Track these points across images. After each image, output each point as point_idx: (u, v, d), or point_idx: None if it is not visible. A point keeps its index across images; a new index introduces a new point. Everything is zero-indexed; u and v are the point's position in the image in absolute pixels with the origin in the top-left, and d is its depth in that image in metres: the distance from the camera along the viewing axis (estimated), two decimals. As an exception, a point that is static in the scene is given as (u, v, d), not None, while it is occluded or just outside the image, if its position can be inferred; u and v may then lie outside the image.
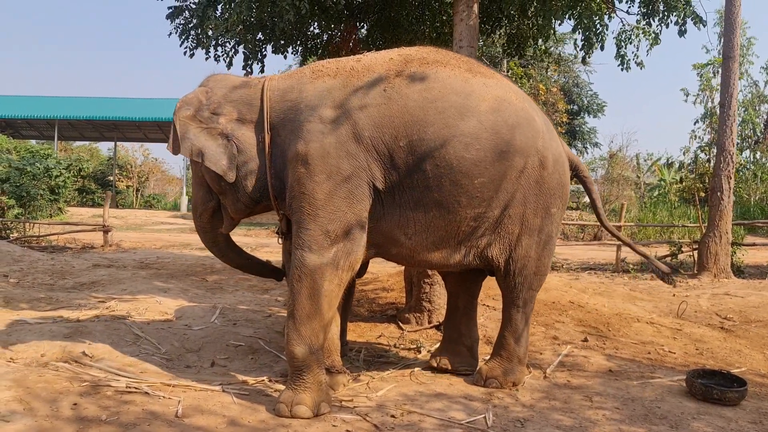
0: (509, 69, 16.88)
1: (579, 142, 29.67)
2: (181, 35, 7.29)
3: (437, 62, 3.69)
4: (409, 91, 3.52)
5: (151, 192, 35.84)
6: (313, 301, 3.37)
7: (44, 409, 3.07)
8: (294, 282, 3.40)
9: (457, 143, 3.49)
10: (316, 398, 3.33)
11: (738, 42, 9.56)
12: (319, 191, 3.39)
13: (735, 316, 6.41)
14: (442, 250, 3.74)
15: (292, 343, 3.38)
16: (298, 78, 3.69)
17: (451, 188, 3.52)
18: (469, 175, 3.53)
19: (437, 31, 7.83)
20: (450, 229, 3.65)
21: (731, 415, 3.54)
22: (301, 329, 3.37)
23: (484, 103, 3.61)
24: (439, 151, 3.47)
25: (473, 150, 3.51)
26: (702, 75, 23.98)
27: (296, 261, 3.40)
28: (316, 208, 3.39)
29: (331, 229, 3.39)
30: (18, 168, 14.48)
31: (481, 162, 3.54)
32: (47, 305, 5.76)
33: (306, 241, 3.39)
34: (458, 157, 3.49)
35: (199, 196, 4.00)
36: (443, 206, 3.56)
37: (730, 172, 9.52)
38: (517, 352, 3.95)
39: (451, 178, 3.51)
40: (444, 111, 3.51)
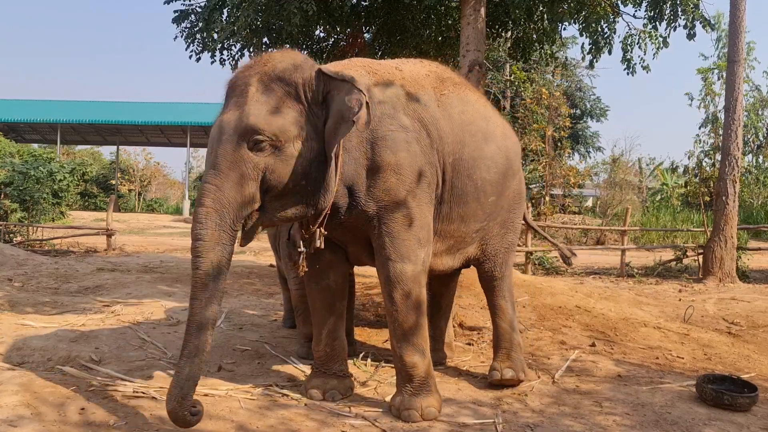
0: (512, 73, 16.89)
1: (582, 147, 29.69)
2: (186, 39, 7.30)
3: (461, 84, 3.99)
4: (453, 111, 3.73)
5: (154, 196, 35.88)
6: (417, 309, 3.41)
7: (52, 414, 3.05)
8: (395, 295, 3.36)
9: (482, 165, 3.79)
10: (440, 399, 3.46)
11: (743, 46, 9.55)
12: (411, 200, 3.39)
13: (742, 320, 6.38)
14: (445, 257, 3.95)
15: (410, 355, 3.39)
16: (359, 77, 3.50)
17: (472, 204, 3.80)
18: (486, 193, 3.84)
19: (443, 35, 7.84)
20: (458, 239, 3.89)
21: (742, 420, 3.52)
22: (413, 339, 3.39)
23: (498, 129, 4.01)
24: (470, 171, 3.72)
25: (492, 172, 3.85)
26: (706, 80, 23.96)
27: (395, 273, 3.35)
28: (410, 217, 3.38)
29: (421, 237, 3.43)
30: (21, 172, 14.48)
31: (495, 183, 3.89)
32: (52, 309, 5.75)
33: (403, 252, 3.36)
34: (482, 178, 3.78)
35: (246, 194, 3.04)
36: (463, 220, 3.81)
37: (735, 176, 9.50)
38: (518, 341, 4.20)
39: (474, 196, 3.78)
40: (475, 134, 3.79)
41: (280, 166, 3.05)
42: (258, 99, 3.07)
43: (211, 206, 2.96)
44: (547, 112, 18.00)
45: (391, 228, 3.36)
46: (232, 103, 3.12)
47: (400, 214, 3.36)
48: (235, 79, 3.21)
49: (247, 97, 3.07)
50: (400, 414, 3.33)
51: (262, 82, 3.11)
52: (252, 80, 3.11)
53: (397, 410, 3.36)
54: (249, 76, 3.14)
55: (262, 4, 5.97)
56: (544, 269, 10.98)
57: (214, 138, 3.09)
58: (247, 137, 3.00)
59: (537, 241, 15.49)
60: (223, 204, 2.98)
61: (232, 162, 3.00)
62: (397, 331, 3.40)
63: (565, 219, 19.72)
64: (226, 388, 3.66)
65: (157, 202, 33.54)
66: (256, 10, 6.00)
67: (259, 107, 3.04)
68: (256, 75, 3.12)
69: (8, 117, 26.82)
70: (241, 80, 3.16)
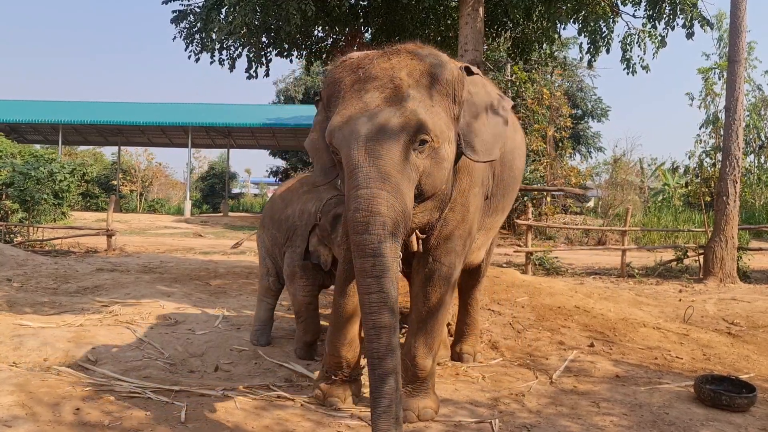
0: (513, 73, 16.86)
1: (583, 147, 29.64)
2: (185, 39, 7.30)
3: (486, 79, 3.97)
4: None
5: (155, 196, 35.89)
6: (445, 315, 3.42)
7: (46, 414, 3.04)
8: (434, 299, 3.31)
9: (517, 154, 3.92)
10: (437, 400, 3.45)
11: (744, 46, 9.52)
12: (473, 204, 3.34)
13: (742, 321, 6.36)
14: (482, 250, 4.09)
15: (422, 356, 3.36)
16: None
17: (511, 194, 3.95)
18: (518, 181, 4.02)
19: (442, 35, 7.84)
20: (494, 229, 4.05)
21: (740, 421, 3.50)
22: (431, 343, 3.38)
23: (517, 120, 4.18)
24: (511, 162, 3.82)
25: (522, 160, 4.07)
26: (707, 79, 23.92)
27: (440, 279, 3.30)
28: (466, 222, 3.32)
29: (467, 243, 3.39)
30: (22, 172, 14.47)
31: (522, 170, 4.08)
32: (51, 309, 5.74)
33: (452, 256, 3.31)
34: (517, 167, 3.92)
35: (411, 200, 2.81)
36: (504, 210, 3.98)
37: (736, 176, 9.47)
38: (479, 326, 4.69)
39: (512, 186, 3.91)
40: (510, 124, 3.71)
41: (435, 169, 2.82)
42: (414, 95, 2.77)
43: (387, 214, 2.61)
44: (549, 112, 17.99)
45: (449, 231, 3.28)
46: (377, 97, 2.76)
47: (461, 217, 3.30)
48: (368, 69, 2.86)
49: (401, 91, 2.76)
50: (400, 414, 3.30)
51: (413, 76, 2.83)
52: (400, 73, 2.81)
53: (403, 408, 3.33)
54: (394, 69, 2.83)
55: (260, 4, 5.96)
56: (544, 269, 10.96)
57: (366, 136, 2.69)
58: (415, 136, 2.71)
59: (538, 242, 15.48)
60: (397, 211, 2.65)
61: (400, 163, 2.69)
62: (420, 331, 3.37)
63: (566, 219, 19.69)
64: (222, 389, 3.65)
65: (159, 203, 33.55)
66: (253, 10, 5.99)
67: (421, 104, 2.76)
68: (403, 68, 2.84)
69: (10, 118, 26.83)
70: (381, 72, 2.83)
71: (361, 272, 2.62)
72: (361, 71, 2.87)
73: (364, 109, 2.74)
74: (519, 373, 4.33)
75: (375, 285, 2.60)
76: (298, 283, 4.46)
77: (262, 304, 4.92)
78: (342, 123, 2.77)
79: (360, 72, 2.87)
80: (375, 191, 2.61)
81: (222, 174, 35.89)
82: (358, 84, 2.84)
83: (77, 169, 18.11)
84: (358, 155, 2.68)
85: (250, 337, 4.84)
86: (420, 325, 3.37)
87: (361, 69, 2.88)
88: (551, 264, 11.11)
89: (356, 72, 2.88)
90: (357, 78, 2.86)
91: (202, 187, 37.87)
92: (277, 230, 4.70)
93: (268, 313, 4.91)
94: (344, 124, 2.76)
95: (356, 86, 2.85)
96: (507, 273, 7.44)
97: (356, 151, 2.69)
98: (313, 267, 4.39)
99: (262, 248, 4.99)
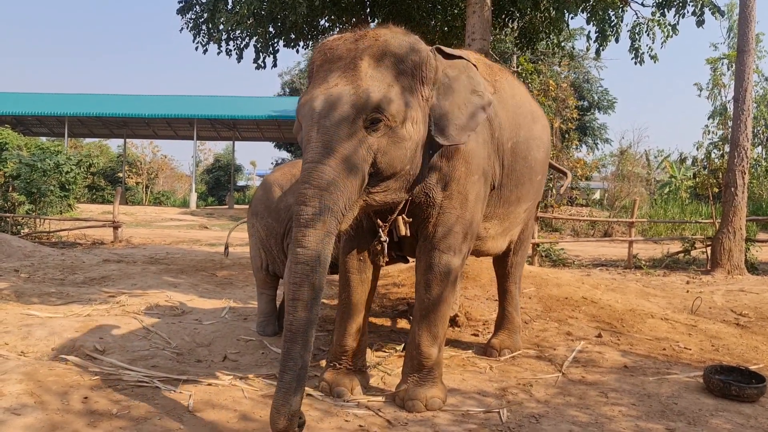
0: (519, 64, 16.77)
1: (590, 139, 29.54)
2: (192, 30, 7.27)
3: (502, 70, 4.04)
4: (506, 96, 3.75)
5: (161, 189, 35.97)
6: (448, 303, 3.41)
7: (55, 402, 3.04)
8: (436, 287, 3.32)
9: (534, 144, 3.91)
10: (445, 390, 3.43)
11: (753, 36, 9.43)
12: (471, 192, 3.34)
13: (750, 312, 6.33)
14: (499, 240, 4.08)
15: (426, 344, 3.35)
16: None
17: (527, 185, 3.94)
18: (537, 172, 4.01)
19: (449, 25, 7.80)
20: (512, 220, 4.03)
21: (750, 411, 3.48)
22: (435, 331, 3.37)
23: (538, 109, 4.19)
24: (525, 153, 3.82)
25: (541, 150, 4.03)
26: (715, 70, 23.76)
27: (440, 266, 3.31)
28: (465, 209, 3.33)
29: (469, 232, 3.39)
30: (28, 164, 14.51)
31: (542, 161, 4.07)
32: (58, 300, 5.76)
33: (452, 244, 3.32)
34: (534, 158, 3.91)
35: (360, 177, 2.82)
36: (519, 201, 3.95)
37: (744, 167, 9.41)
38: (518, 322, 4.60)
39: (528, 176, 3.91)
40: (526, 116, 3.89)
41: (392, 148, 2.85)
42: (373, 75, 2.83)
43: (326, 188, 2.67)
44: (555, 103, 17.89)
45: (447, 218, 3.29)
46: (337, 77, 2.85)
47: (459, 204, 3.30)
48: (336, 51, 2.94)
49: (359, 71, 2.82)
50: (404, 403, 3.30)
51: (375, 57, 2.88)
52: (363, 54, 2.87)
53: (401, 399, 3.33)
54: (358, 50, 2.89)
55: (266, -6, 5.94)
56: (551, 261, 10.93)
57: (320, 113, 2.77)
58: (365, 114, 2.76)
59: (544, 234, 15.44)
60: (338, 186, 2.70)
61: (348, 141, 2.74)
62: (424, 319, 3.36)
63: (572, 211, 19.64)
64: (230, 378, 3.65)
65: (165, 195, 33.65)
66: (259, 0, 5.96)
67: (377, 84, 2.81)
68: (366, 49, 2.89)
69: (16, 110, 26.91)
70: (346, 53, 2.90)
71: (294, 241, 2.69)
72: (330, 53, 2.96)
73: (326, 88, 2.84)
74: (527, 363, 4.32)
75: (302, 255, 2.65)
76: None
77: (262, 297, 4.85)
78: (305, 101, 2.90)
79: (329, 54, 2.96)
80: (317, 165, 2.70)
81: (227, 166, 35.95)
82: (326, 65, 2.95)
83: (83, 161, 18.16)
84: (310, 131, 2.80)
85: (255, 328, 4.84)
86: (423, 313, 3.37)
87: (330, 51, 2.97)
88: (558, 255, 11.09)
89: (326, 54, 2.98)
90: (325, 59, 2.97)
91: (208, 179, 37.94)
92: (275, 220, 4.51)
93: (270, 304, 4.86)
94: (306, 102, 2.88)
95: (324, 67, 2.95)
96: (514, 264, 7.41)
97: (309, 127, 2.81)
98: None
99: (255, 238, 4.78)
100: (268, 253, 4.70)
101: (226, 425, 2.97)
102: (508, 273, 4.54)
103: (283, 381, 2.61)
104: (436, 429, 3.04)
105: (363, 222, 3.37)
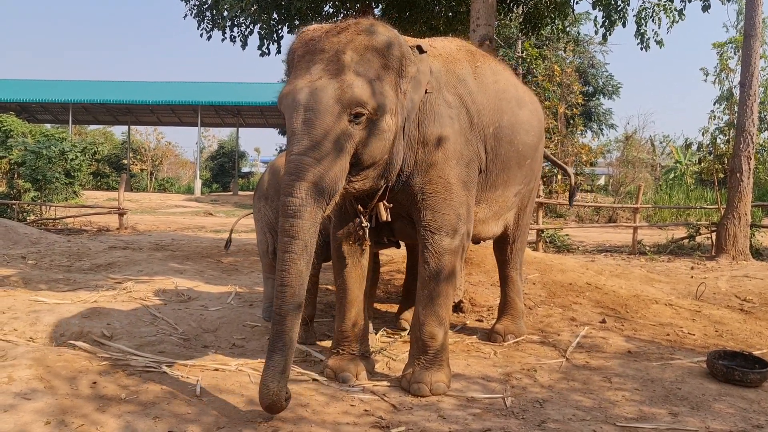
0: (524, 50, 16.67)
1: (594, 124, 29.38)
2: (196, 16, 7.25)
3: (487, 55, 4.09)
4: (487, 81, 3.81)
5: (165, 176, 36.04)
6: (450, 284, 3.44)
7: (64, 387, 3.08)
8: (432, 267, 3.39)
9: (520, 129, 3.96)
10: (450, 374, 3.47)
11: (760, 20, 9.35)
12: (453, 176, 3.42)
13: (755, 297, 6.33)
14: (492, 224, 4.14)
15: (432, 325, 3.40)
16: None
17: (514, 169, 4.00)
18: (526, 156, 4.06)
19: (453, 10, 7.75)
20: (502, 204, 4.09)
21: (753, 396, 3.50)
22: (440, 312, 3.41)
23: (526, 95, 4.22)
24: (510, 137, 3.88)
25: (530, 135, 4.08)
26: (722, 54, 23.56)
27: (434, 246, 3.38)
28: (450, 192, 3.40)
29: (461, 213, 3.46)
30: (33, 151, 14.54)
31: (532, 145, 4.13)
32: (65, 286, 5.80)
33: (443, 225, 3.39)
34: (522, 142, 3.97)
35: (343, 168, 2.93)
36: (507, 185, 4.02)
37: (750, 152, 9.37)
38: (521, 307, 4.67)
39: (516, 161, 3.97)
40: (510, 101, 3.93)
41: (373, 140, 2.96)
42: (357, 69, 2.92)
43: (312, 180, 2.79)
44: (560, 89, 17.81)
45: (433, 202, 3.38)
46: (321, 70, 2.92)
47: (442, 188, 3.39)
48: (318, 42, 3.00)
49: (343, 65, 2.90)
50: (409, 387, 3.34)
51: (358, 51, 2.96)
52: (346, 48, 2.94)
53: (407, 382, 3.37)
54: (341, 43, 2.96)
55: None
56: (555, 247, 10.94)
57: (305, 106, 2.85)
58: (349, 109, 2.86)
59: (549, 219, 15.43)
60: (323, 178, 2.81)
61: (332, 134, 2.84)
62: (425, 300, 3.41)
63: (577, 197, 19.59)
64: (236, 363, 3.69)
65: (169, 182, 33.71)
66: (264, -15, 5.94)
67: (361, 78, 2.90)
68: (349, 43, 2.96)
69: (20, 97, 26.93)
70: (329, 46, 2.97)
71: (281, 231, 2.82)
72: (312, 44, 3.02)
73: (309, 80, 2.90)
74: (531, 348, 4.34)
75: (290, 244, 2.79)
76: None
77: (269, 282, 4.85)
78: (288, 92, 2.95)
79: (311, 45, 3.02)
80: (304, 158, 2.80)
81: (231, 153, 35.94)
82: (308, 56, 3.00)
83: (88, 148, 18.19)
84: (295, 123, 2.87)
85: (261, 313, 4.87)
86: (422, 291, 3.43)
87: (312, 42, 3.03)
88: (562, 241, 11.09)
89: (307, 44, 3.03)
90: (307, 50, 3.02)
91: (212, 166, 37.95)
92: None
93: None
94: (289, 93, 2.93)
95: (306, 58, 3.00)
96: (518, 250, 7.43)
97: (294, 120, 2.87)
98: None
99: (262, 222, 4.80)
100: (275, 236, 4.71)
101: (234, 409, 3.00)
102: (509, 259, 4.61)
103: (273, 360, 2.80)
104: (440, 414, 3.07)
105: (351, 208, 3.46)
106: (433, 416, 3.03)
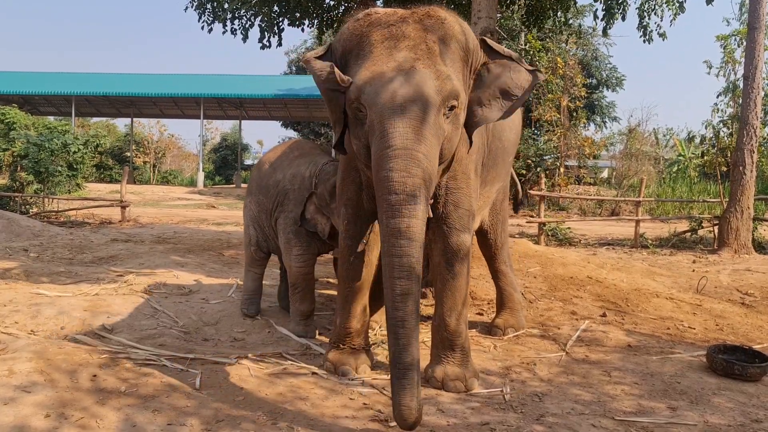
0: (527, 42, 16.61)
1: (598, 117, 29.26)
2: (197, 9, 7.24)
3: None
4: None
5: (168, 168, 36.00)
6: (467, 279, 3.44)
7: (64, 380, 3.09)
8: (456, 263, 3.34)
9: (507, 126, 4.03)
10: (477, 370, 3.49)
11: (764, 12, 9.28)
12: (471, 170, 3.39)
13: (756, 291, 6.33)
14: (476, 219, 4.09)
15: (455, 322, 3.37)
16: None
17: (500, 164, 4.08)
18: (509, 152, 4.17)
19: (454, 3, 7.72)
20: (485, 200, 4.11)
21: (753, 390, 3.50)
22: (462, 309, 3.40)
23: None
24: (500, 134, 3.95)
25: (513, 132, 4.17)
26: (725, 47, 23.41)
27: (456, 243, 3.32)
28: (470, 188, 3.37)
29: (475, 208, 3.48)
30: (36, 144, 14.53)
31: (514, 142, 4.26)
32: (67, 279, 5.81)
33: (464, 221, 3.35)
34: (508, 139, 4.05)
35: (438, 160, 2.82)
36: (493, 181, 4.07)
37: (754, 146, 9.32)
38: (519, 300, 4.68)
39: (502, 157, 4.07)
40: None
41: (454, 134, 2.86)
42: (446, 60, 2.78)
43: (423, 177, 2.61)
44: (563, 81, 17.75)
45: (456, 198, 3.32)
46: (412, 59, 2.71)
47: (464, 184, 3.33)
48: (399, 27, 2.80)
49: (434, 54, 2.75)
50: (444, 384, 3.31)
51: (443, 41, 2.81)
52: (433, 36, 2.79)
53: (440, 380, 3.33)
54: (426, 30, 2.80)
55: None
56: (557, 240, 10.92)
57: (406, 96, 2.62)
58: (447, 101, 2.72)
59: (550, 213, 15.41)
60: (432, 175, 2.69)
61: (434, 127, 2.68)
62: (449, 300, 3.37)
63: (579, 190, 19.57)
64: (236, 356, 3.70)
65: (172, 174, 33.67)
66: (264, -22, 5.92)
67: (453, 71, 2.78)
68: (435, 31, 2.81)
69: (23, 89, 26.90)
70: (413, 32, 2.79)
71: (393, 233, 2.59)
72: (393, 28, 2.80)
73: (398, 68, 2.69)
74: (531, 342, 4.35)
75: (407, 248, 2.58)
76: (293, 253, 4.31)
77: (249, 274, 4.85)
78: (372, 79, 2.71)
79: (391, 29, 2.81)
80: (412, 152, 2.59)
81: (234, 145, 35.91)
82: (389, 41, 2.78)
83: (91, 141, 18.19)
84: (394, 115, 2.63)
85: (240, 306, 4.85)
86: (445, 291, 3.38)
87: (392, 26, 2.81)
88: (564, 235, 11.07)
89: (386, 28, 2.82)
90: (387, 35, 2.80)
91: (215, 158, 37.91)
92: (264, 196, 4.54)
93: (256, 282, 4.84)
94: (375, 81, 2.70)
95: (386, 43, 2.78)
96: (519, 243, 7.43)
97: (392, 111, 2.63)
98: (309, 234, 4.26)
99: (248, 216, 4.83)
100: (260, 231, 4.73)
101: (233, 403, 3.02)
102: (495, 254, 4.61)
103: (407, 378, 2.59)
104: (439, 407, 3.08)
105: (365, 203, 3.38)
106: (432, 410, 3.04)
